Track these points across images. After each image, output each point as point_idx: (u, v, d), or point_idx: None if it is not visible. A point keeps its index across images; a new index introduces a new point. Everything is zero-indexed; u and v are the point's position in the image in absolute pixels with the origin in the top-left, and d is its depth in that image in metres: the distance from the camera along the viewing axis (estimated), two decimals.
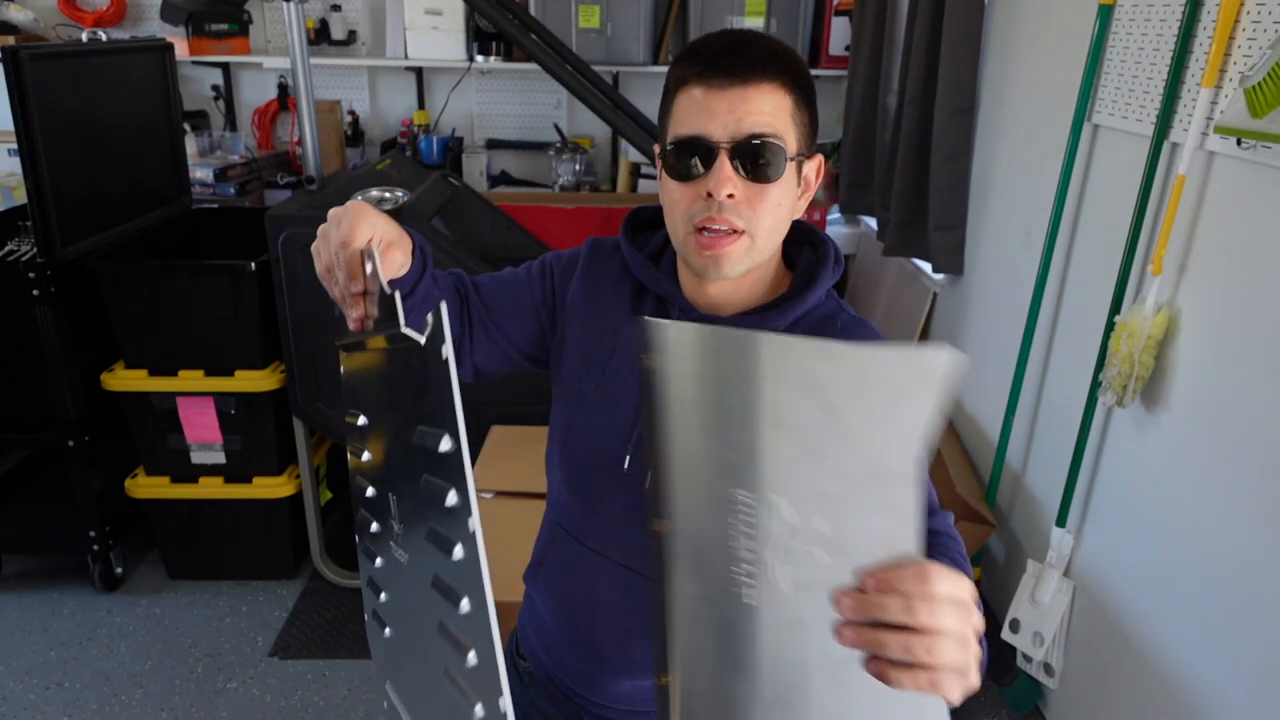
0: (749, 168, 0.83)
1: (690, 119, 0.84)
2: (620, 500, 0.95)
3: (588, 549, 0.98)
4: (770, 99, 0.84)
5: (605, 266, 1.00)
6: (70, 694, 2.14)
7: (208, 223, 2.72)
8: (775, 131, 0.83)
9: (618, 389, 0.94)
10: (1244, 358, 1.35)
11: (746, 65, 0.83)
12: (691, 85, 0.84)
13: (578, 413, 0.97)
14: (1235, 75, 1.35)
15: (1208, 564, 1.42)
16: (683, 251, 0.89)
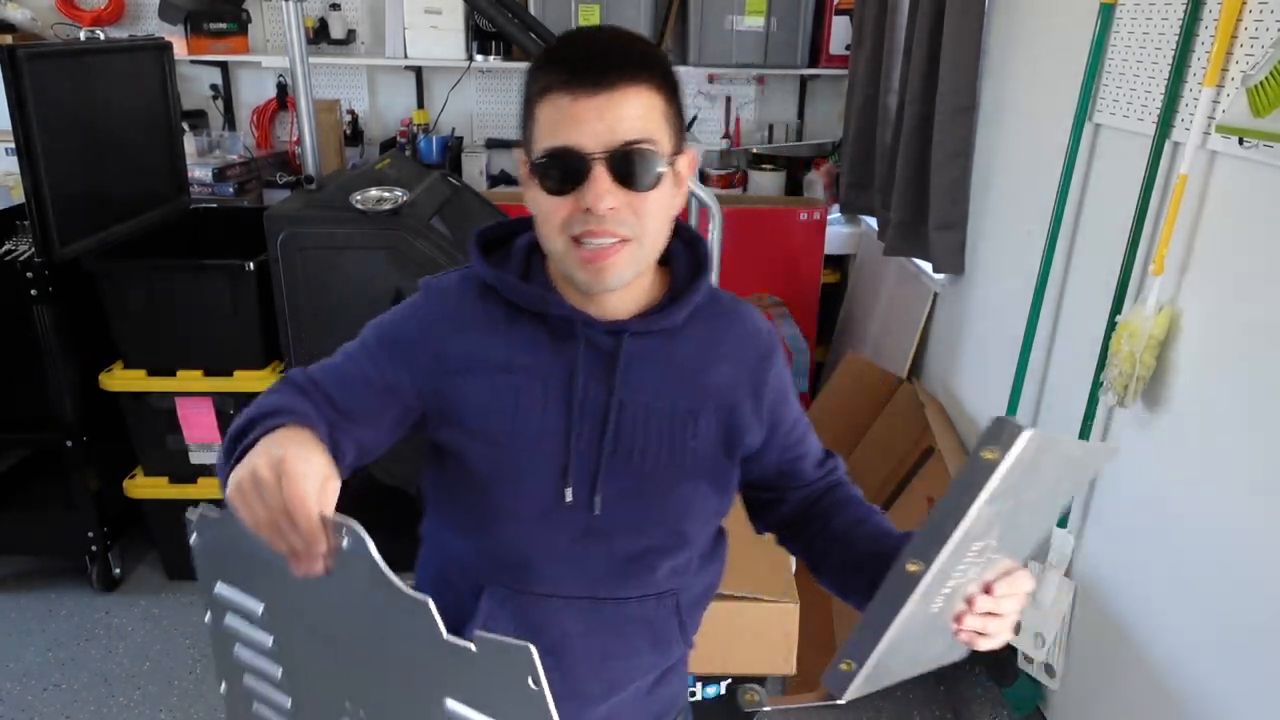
0: (626, 176, 0.81)
1: (559, 129, 0.80)
2: (566, 535, 0.91)
3: (539, 595, 0.93)
4: (640, 102, 0.81)
5: (464, 306, 0.91)
6: (68, 695, 2.13)
7: (206, 222, 2.71)
8: (649, 136, 0.81)
9: (535, 428, 0.88)
10: (1246, 358, 1.34)
11: (613, 69, 0.80)
12: (556, 93, 0.80)
13: (492, 468, 0.89)
14: (1237, 74, 1.35)
15: (1209, 564, 1.42)
16: (563, 265, 0.86)
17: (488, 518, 0.91)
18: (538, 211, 0.85)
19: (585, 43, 0.84)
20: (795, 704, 0.77)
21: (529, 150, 0.85)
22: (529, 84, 0.85)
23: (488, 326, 0.90)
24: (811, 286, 3.03)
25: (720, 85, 3.54)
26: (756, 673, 1.52)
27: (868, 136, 2.87)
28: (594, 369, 0.90)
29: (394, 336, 0.91)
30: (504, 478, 0.90)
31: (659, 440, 0.91)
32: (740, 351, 0.96)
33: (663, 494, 0.92)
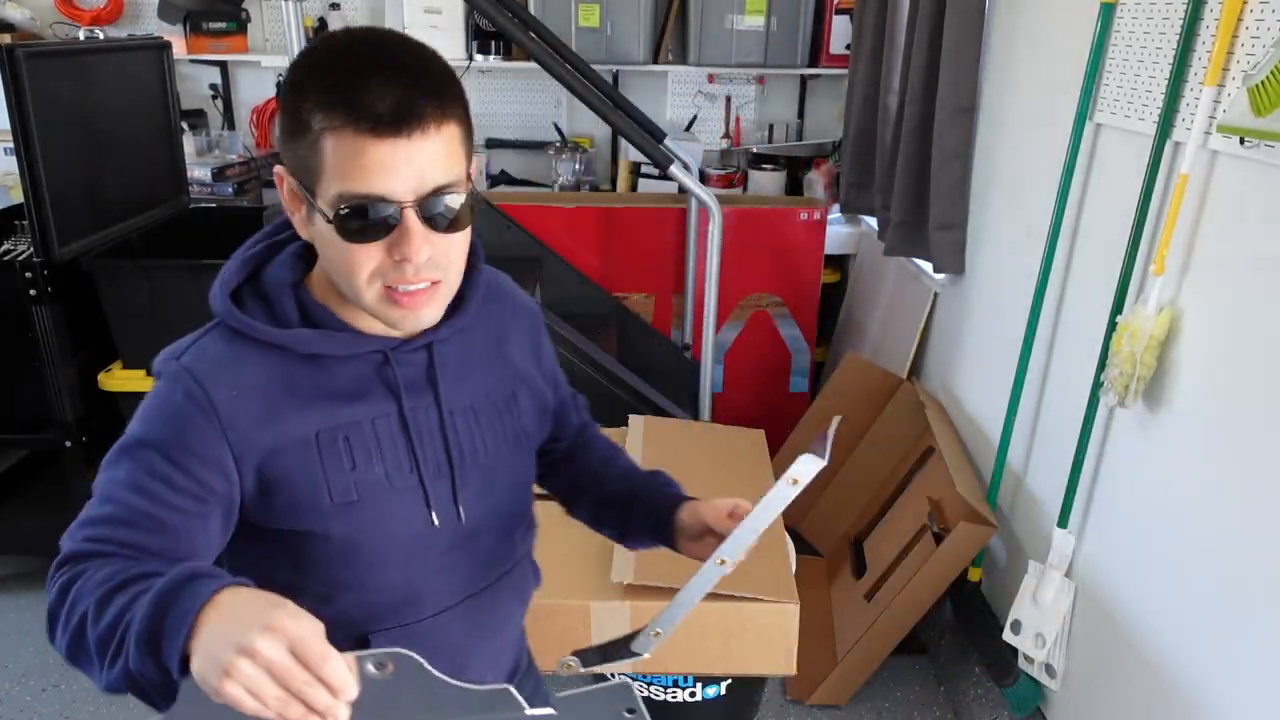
0: (439, 222, 0.77)
1: (360, 175, 0.73)
2: (436, 553, 0.90)
3: (423, 620, 0.91)
4: (443, 142, 0.75)
5: (240, 380, 0.81)
6: (67, 696, 2.13)
7: (205, 222, 2.71)
8: (458, 176, 0.78)
9: (381, 473, 0.85)
10: (1247, 358, 1.34)
11: (421, 111, 0.73)
12: (354, 132, 0.72)
13: (351, 530, 0.84)
14: (1238, 74, 1.34)
15: (1210, 565, 1.42)
16: (372, 309, 0.80)
17: (356, 576, 0.87)
18: (336, 257, 0.78)
19: (377, 69, 0.73)
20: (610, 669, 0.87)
21: (311, 182, 0.76)
22: (305, 101, 0.74)
23: (282, 393, 0.82)
24: (811, 286, 3.03)
25: (720, 85, 3.53)
26: (756, 673, 1.52)
27: (868, 136, 2.86)
28: (417, 389, 0.88)
29: (186, 448, 0.78)
30: (366, 533, 0.86)
31: (493, 432, 0.93)
32: (518, 324, 1.00)
33: (508, 478, 0.96)
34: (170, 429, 0.79)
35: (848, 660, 2.09)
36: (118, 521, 0.75)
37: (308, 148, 0.75)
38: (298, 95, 0.75)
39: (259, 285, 0.87)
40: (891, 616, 2.04)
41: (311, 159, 0.75)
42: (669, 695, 1.71)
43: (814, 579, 2.50)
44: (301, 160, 0.77)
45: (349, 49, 0.76)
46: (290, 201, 0.82)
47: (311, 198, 0.77)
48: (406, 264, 0.77)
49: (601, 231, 2.98)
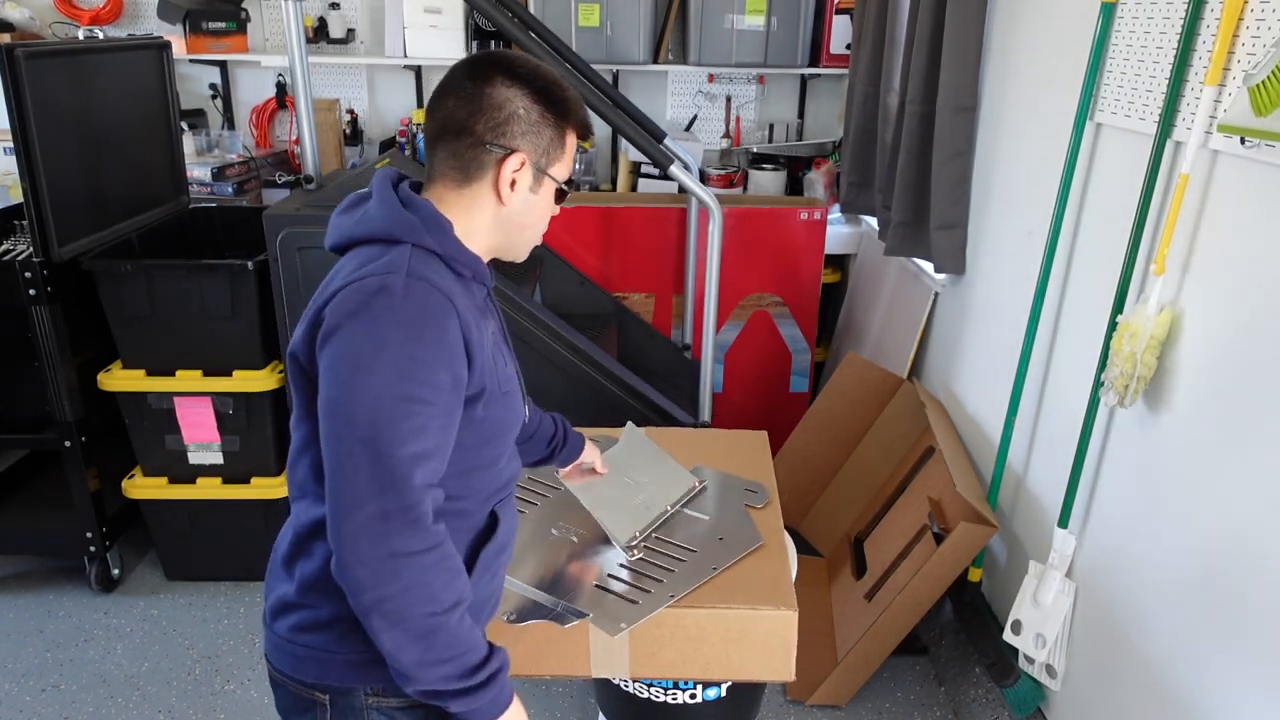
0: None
1: (570, 167, 1.12)
2: (515, 440, 1.19)
3: (509, 493, 1.19)
4: None
5: (462, 297, 1.03)
6: (67, 696, 2.13)
7: (205, 222, 2.71)
8: None
9: (503, 372, 1.11)
10: (1247, 358, 1.34)
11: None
12: (580, 138, 1.11)
13: (503, 413, 1.10)
14: (1238, 73, 1.34)
15: (1210, 565, 1.42)
16: (520, 244, 1.13)
17: (494, 452, 1.11)
18: (540, 210, 1.11)
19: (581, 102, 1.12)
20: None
21: (546, 165, 1.08)
22: (565, 113, 1.07)
23: (470, 306, 1.04)
24: (811, 286, 3.03)
25: (720, 85, 3.53)
26: (755, 679, 1.52)
27: (868, 136, 2.86)
28: (497, 315, 1.18)
29: (456, 351, 0.99)
30: (508, 414, 1.11)
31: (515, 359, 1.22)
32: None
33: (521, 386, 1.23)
34: (436, 335, 0.96)
35: (848, 660, 2.09)
36: (431, 458, 0.97)
37: (558, 145, 1.08)
38: (562, 111, 1.07)
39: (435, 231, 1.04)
40: (892, 617, 2.04)
41: (556, 152, 1.09)
42: (669, 697, 1.71)
43: (814, 579, 2.50)
44: (549, 152, 1.08)
45: (579, 95, 1.12)
46: (509, 177, 1.06)
47: (541, 174, 1.08)
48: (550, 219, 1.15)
49: (601, 231, 2.98)
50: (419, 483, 0.94)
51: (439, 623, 0.96)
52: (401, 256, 0.98)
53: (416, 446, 0.94)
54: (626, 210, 2.98)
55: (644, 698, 1.73)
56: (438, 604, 0.96)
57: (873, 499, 2.54)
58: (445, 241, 1.03)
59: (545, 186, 1.09)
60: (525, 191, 1.08)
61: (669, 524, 1.65)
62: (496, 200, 1.07)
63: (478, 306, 1.07)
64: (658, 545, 1.59)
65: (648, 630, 1.44)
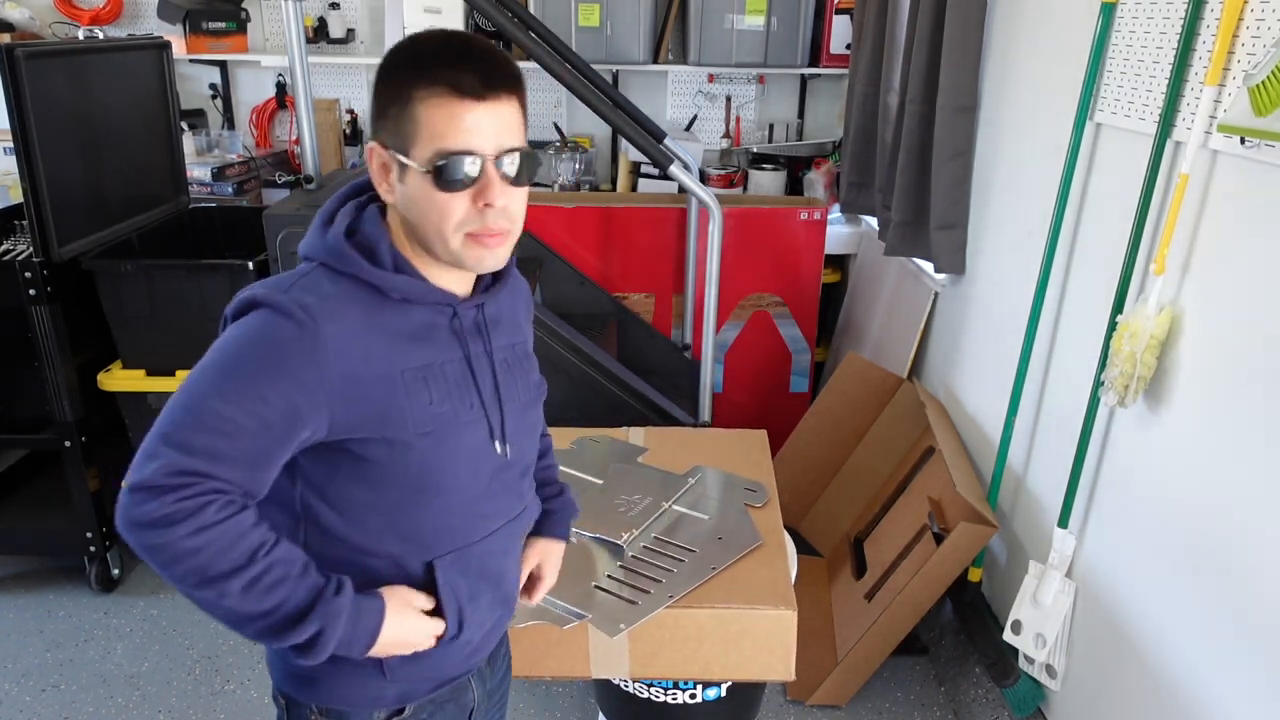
0: (510, 176, 0.93)
1: (453, 134, 0.89)
2: (486, 482, 1.05)
3: (480, 540, 1.06)
4: (515, 110, 0.94)
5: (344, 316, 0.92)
6: (66, 696, 2.13)
7: (205, 222, 2.71)
8: (523, 142, 0.95)
9: (452, 407, 0.99)
10: (1247, 358, 1.34)
11: (496, 80, 0.91)
12: (447, 97, 0.89)
13: (429, 457, 0.97)
14: (1238, 73, 1.34)
15: (1210, 565, 1.42)
16: (452, 252, 0.94)
17: (426, 500, 1.00)
18: (428, 207, 0.92)
19: (462, 51, 0.91)
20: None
21: (405, 148, 0.91)
22: (405, 82, 0.90)
23: (381, 331, 0.94)
24: (811, 286, 3.03)
25: (720, 85, 3.53)
26: (755, 679, 1.52)
27: (868, 136, 2.86)
28: (474, 340, 1.03)
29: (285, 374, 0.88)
30: (438, 460, 0.99)
31: (521, 381, 1.10)
32: (519, 295, 1.15)
33: (530, 420, 1.13)
34: (272, 356, 0.89)
35: (848, 660, 2.09)
36: (216, 457, 0.87)
37: (406, 118, 0.90)
38: (399, 74, 0.91)
39: (358, 237, 0.97)
40: (892, 617, 2.04)
41: (408, 127, 0.90)
42: (669, 697, 1.71)
43: (814, 579, 2.50)
44: (398, 131, 0.91)
45: (438, 40, 0.92)
46: (379, 172, 0.96)
47: (402, 160, 0.92)
48: (489, 210, 0.92)
49: (601, 231, 2.98)
50: (162, 462, 0.86)
51: (222, 589, 0.88)
52: (292, 277, 0.94)
53: (182, 440, 0.87)
54: (626, 210, 2.98)
55: (644, 698, 1.73)
56: (210, 572, 0.87)
57: (873, 499, 2.54)
58: (350, 262, 0.94)
59: (411, 174, 0.91)
60: (399, 185, 0.94)
61: (669, 524, 1.65)
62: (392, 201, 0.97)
63: (412, 333, 0.96)
64: (657, 545, 1.59)
65: (647, 631, 1.44)
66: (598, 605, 1.46)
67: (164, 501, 0.86)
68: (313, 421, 0.91)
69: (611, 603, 1.46)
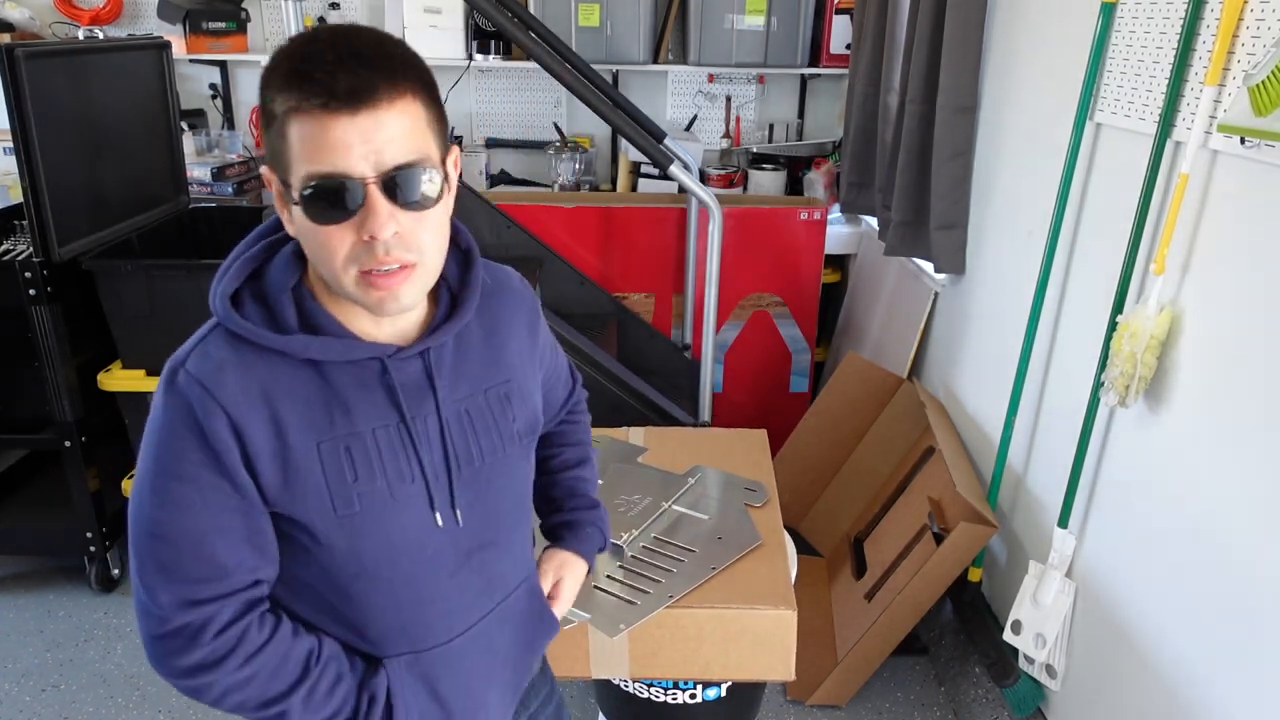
0: (404, 199, 0.76)
1: (320, 154, 0.73)
2: (444, 571, 0.90)
3: (440, 646, 0.92)
4: (405, 115, 0.75)
5: (243, 384, 0.80)
6: (66, 696, 2.13)
7: (205, 222, 2.71)
8: (422, 154, 0.77)
9: (379, 483, 0.85)
10: (1248, 358, 1.34)
11: (372, 83, 0.73)
12: (309, 113, 0.73)
13: (354, 540, 0.84)
14: (1238, 73, 1.34)
15: (1211, 565, 1.42)
16: (351, 295, 0.80)
17: (363, 589, 0.88)
18: (313, 245, 0.79)
19: (332, 52, 0.74)
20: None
21: (284, 173, 0.77)
22: (268, 96, 0.76)
23: (290, 398, 0.82)
24: (811, 286, 3.03)
25: (720, 85, 3.53)
26: (756, 679, 1.52)
27: (868, 136, 2.86)
28: (414, 397, 0.87)
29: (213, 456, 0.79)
30: (370, 543, 0.86)
31: (487, 437, 0.92)
32: (514, 320, 0.98)
33: (502, 483, 0.95)
34: (180, 448, 0.80)
35: (848, 660, 2.09)
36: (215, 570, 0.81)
37: (277, 136, 0.76)
38: (264, 87, 0.77)
39: (260, 287, 0.86)
40: (891, 617, 2.04)
41: (280, 147, 0.76)
42: (669, 697, 1.71)
43: (814, 579, 2.50)
44: (275, 152, 0.77)
45: (309, 40, 0.76)
46: (278, 201, 0.82)
47: (286, 189, 0.78)
48: (375, 243, 0.76)
49: (601, 231, 2.98)
50: (166, 601, 0.81)
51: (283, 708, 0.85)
52: (194, 340, 0.84)
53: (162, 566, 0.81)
54: (626, 210, 2.98)
55: (644, 698, 1.73)
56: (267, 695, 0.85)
57: (873, 499, 2.54)
58: (239, 325, 0.82)
59: (292, 204, 0.78)
60: (288, 215, 0.81)
61: (669, 524, 1.65)
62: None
63: (331, 398, 0.83)
64: (657, 545, 1.59)
65: (647, 631, 1.44)
66: (598, 605, 1.46)
67: (201, 644, 0.81)
68: (250, 491, 0.81)
69: (611, 603, 1.46)
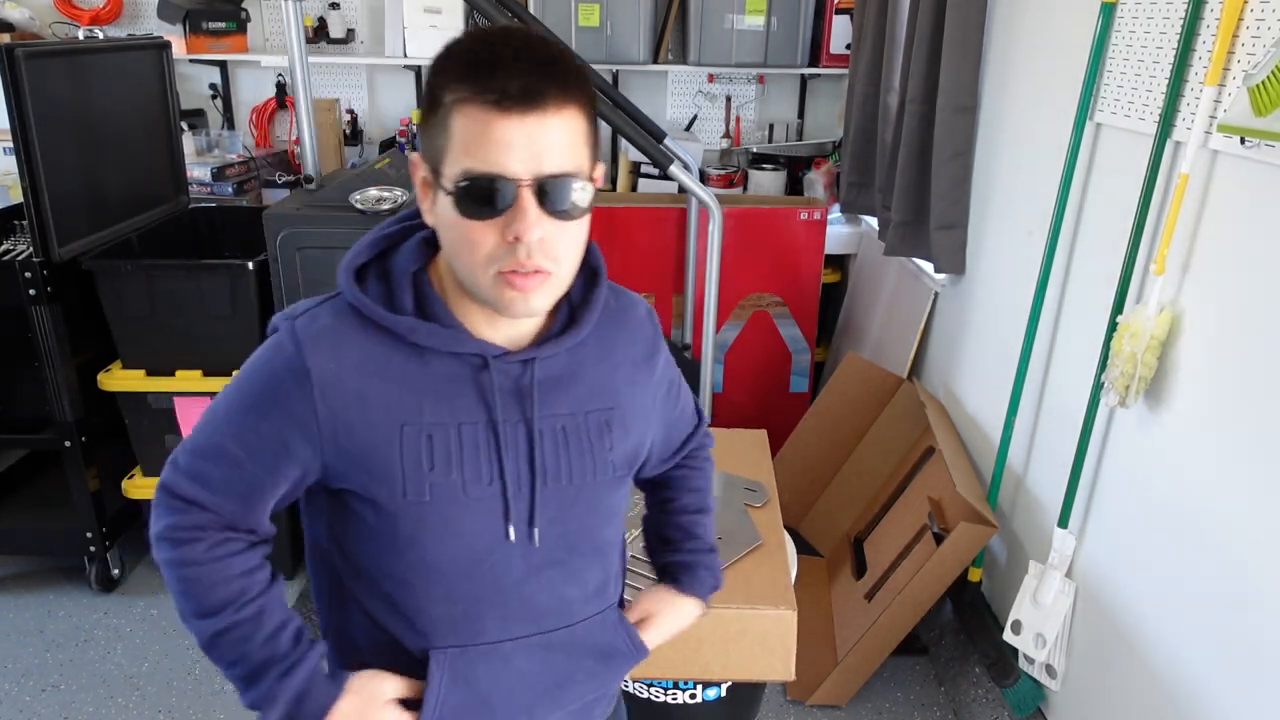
0: (554, 207, 0.77)
1: (482, 150, 0.75)
2: (510, 577, 0.90)
3: (490, 645, 0.91)
4: (570, 127, 0.77)
5: (339, 353, 0.83)
6: (67, 696, 2.13)
7: (205, 222, 2.71)
8: (578, 166, 0.78)
9: (455, 478, 0.85)
10: (1247, 358, 1.34)
11: (546, 89, 0.75)
12: (479, 107, 0.74)
13: (417, 529, 0.86)
14: (1238, 73, 1.34)
15: (1211, 565, 1.42)
16: (484, 292, 0.81)
17: (418, 576, 0.88)
18: (457, 238, 0.79)
19: (512, 51, 0.75)
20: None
21: (438, 162, 0.78)
22: (439, 86, 0.77)
23: (390, 372, 0.84)
24: (811, 286, 3.03)
25: (720, 85, 3.53)
26: (755, 679, 1.52)
27: (868, 136, 2.86)
28: (509, 401, 0.87)
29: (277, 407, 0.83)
30: (432, 535, 0.86)
31: (580, 459, 0.91)
32: (632, 349, 0.96)
33: (588, 509, 0.93)
34: (266, 387, 0.85)
35: (848, 660, 2.09)
36: (213, 486, 0.87)
37: (438, 126, 0.78)
38: (435, 76, 0.78)
39: (386, 266, 0.88)
40: (892, 617, 2.04)
41: (440, 138, 0.78)
42: (669, 697, 1.71)
43: (814, 579, 2.50)
44: (432, 141, 0.79)
45: (488, 37, 0.77)
46: (421, 188, 0.83)
47: (437, 178, 0.79)
48: (519, 245, 0.77)
49: (601, 231, 2.98)
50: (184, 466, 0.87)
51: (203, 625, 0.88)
52: (314, 302, 0.88)
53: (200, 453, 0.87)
54: (626, 210, 2.98)
55: (644, 698, 1.73)
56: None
57: (873, 499, 2.54)
58: (355, 297, 0.85)
59: (441, 194, 0.79)
60: (430, 203, 0.82)
61: None
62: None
63: (426, 385, 0.84)
64: None
65: None
66: None
67: (163, 518, 0.88)
68: (302, 458, 0.84)
69: None
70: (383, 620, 0.92)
